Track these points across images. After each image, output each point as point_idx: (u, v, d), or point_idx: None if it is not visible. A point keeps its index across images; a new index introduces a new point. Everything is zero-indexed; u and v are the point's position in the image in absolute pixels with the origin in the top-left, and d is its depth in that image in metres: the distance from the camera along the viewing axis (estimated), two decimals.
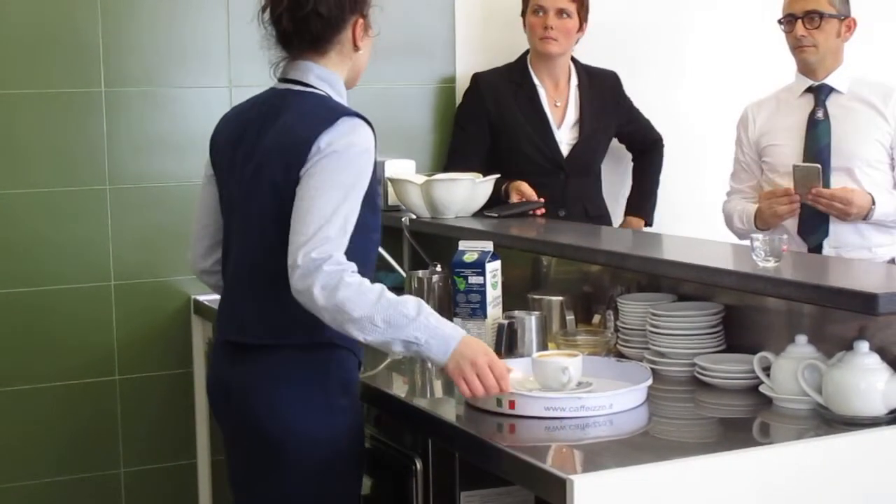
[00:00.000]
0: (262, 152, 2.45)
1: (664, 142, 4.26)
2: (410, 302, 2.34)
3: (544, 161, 3.95)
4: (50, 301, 3.70)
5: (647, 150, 4.25)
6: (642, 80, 4.23)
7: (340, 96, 2.53)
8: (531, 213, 3.72)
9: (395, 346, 2.33)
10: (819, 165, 3.43)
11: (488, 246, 2.87)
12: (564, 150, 3.98)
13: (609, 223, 4.11)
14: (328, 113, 2.42)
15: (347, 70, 2.54)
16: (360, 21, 2.50)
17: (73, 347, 3.74)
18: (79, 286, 3.73)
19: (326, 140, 2.37)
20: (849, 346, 2.32)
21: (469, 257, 2.84)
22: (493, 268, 2.84)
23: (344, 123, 2.40)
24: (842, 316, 2.40)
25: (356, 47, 2.51)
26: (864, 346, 2.30)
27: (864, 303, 2.25)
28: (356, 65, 2.56)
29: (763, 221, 3.56)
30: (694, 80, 4.51)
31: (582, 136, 3.99)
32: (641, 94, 4.19)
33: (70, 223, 3.71)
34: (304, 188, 2.37)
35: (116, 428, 3.81)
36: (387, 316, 2.30)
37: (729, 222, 3.74)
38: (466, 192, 3.67)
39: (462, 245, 2.89)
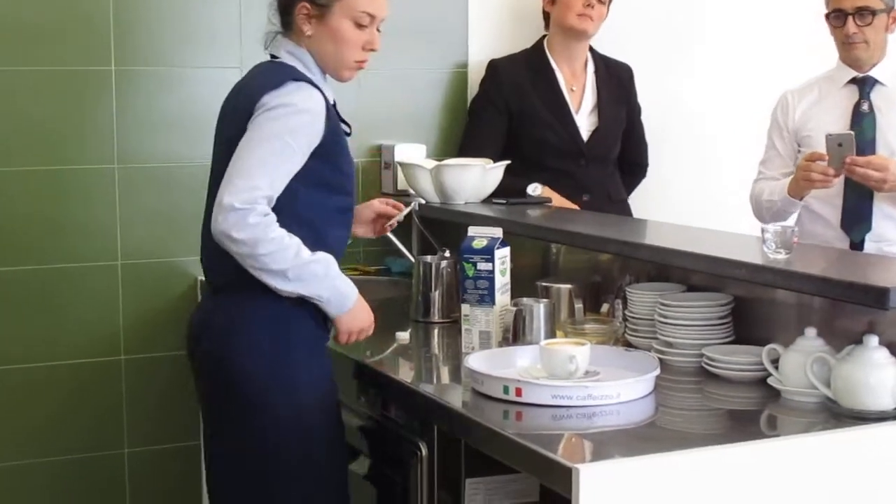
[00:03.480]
0: (226, 114, 2.69)
1: (646, 172, 4.19)
2: (321, 261, 2.56)
3: (565, 147, 3.92)
4: (56, 280, 3.69)
5: (625, 170, 4.15)
6: (653, 73, 4.19)
7: (309, 71, 2.66)
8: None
9: (299, 295, 2.55)
10: (853, 132, 3.37)
11: (498, 232, 2.86)
12: (584, 135, 3.96)
13: (629, 210, 4.08)
14: (278, 76, 2.60)
15: (313, 53, 2.66)
16: (304, 6, 2.64)
17: (78, 327, 3.73)
18: (86, 265, 3.72)
19: (268, 98, 2.54)
20: (858, 340, 2.31)
21: (478, 243, 2.82)
22: (503, 254, 2.83)
23: (289, 85, 2.57)
24: (852, 309, 2.39)
25: (302, 31, 2.65)
26: (873, 340, 2.29)
27: (875, 297, 2.24)
28: (319, 50, 2.66)
29: (796, 186, 3.45)
30: (704, 74, 4.49)
31: (601, 122, 3.97)
32: (652, 88, 4.16)
33: (78, 202, 3.70)
34: (242, 140, 2.54)
35: (121, 408, 3.80)
36: (300, 272, 2.52)
37: (757, 202, 3.63)
38: (477, 178, 3.66)
39: (471, 231, 2.88)
